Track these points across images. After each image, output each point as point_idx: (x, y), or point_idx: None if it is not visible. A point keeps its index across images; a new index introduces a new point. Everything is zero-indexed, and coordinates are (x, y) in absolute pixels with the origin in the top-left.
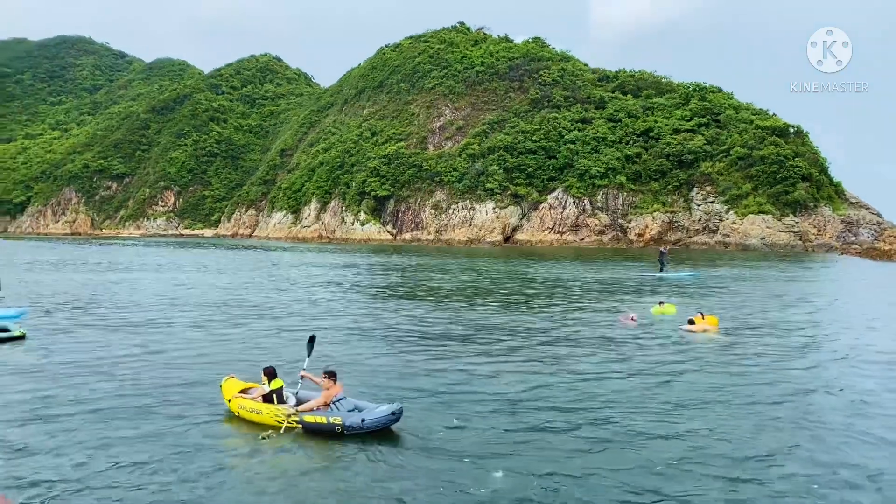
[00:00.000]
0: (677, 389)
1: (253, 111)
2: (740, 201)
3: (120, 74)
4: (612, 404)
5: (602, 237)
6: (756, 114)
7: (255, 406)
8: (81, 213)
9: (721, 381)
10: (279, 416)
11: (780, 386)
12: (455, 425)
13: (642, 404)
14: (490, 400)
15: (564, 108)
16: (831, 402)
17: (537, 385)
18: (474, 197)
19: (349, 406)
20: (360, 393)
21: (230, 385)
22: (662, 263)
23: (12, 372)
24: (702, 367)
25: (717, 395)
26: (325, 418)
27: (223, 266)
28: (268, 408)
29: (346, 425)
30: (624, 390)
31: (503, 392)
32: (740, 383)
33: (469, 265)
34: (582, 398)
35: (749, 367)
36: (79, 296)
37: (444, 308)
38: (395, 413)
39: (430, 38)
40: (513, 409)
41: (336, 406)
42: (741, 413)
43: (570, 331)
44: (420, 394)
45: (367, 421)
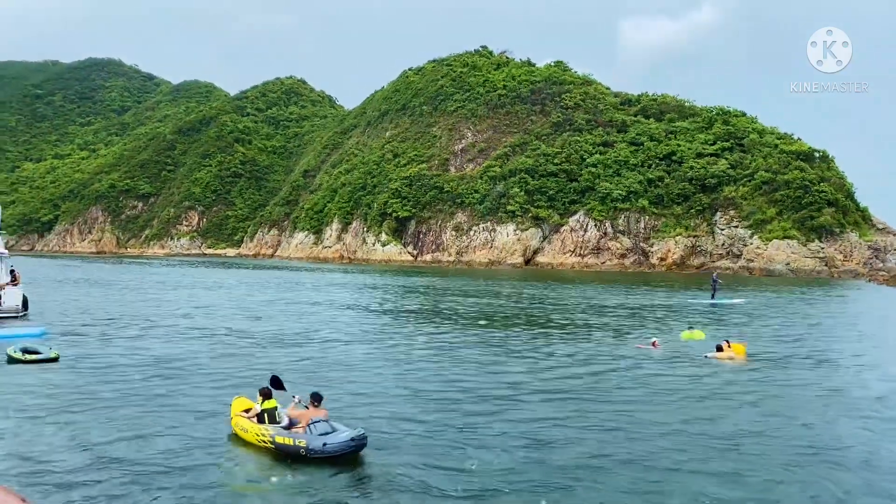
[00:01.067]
0: (695, 419)
1: (277, 133)
2: (765, 226)
3: (148, 96)
4: (620, 431)
5: (624, 261)
6: (780, 138)
7: (245, 425)
8: (107, 232)
9: (738, 412)
10: (259, 434)
11: (798, 418)
12: (470, 467)
13: (650, 431)
14: (506, 431)
15: (586, 131)
16: (852, 436)
17: (555, 411)
18: (495, 219)
19: (324, 429)
20: (366, 419)
21: (238, 404)
22: (715, 289)
23: (47, 395)
24: (719, 396)
25: (731, 429)
26: (293, 440)
27: (247, 287)
28: (253, 426)
29: (309, 448)
30: (637, 417)
31: (516, 423)
32: (756, 415)
33: (492, 288)
34: (590, 421)
35: (769, 398)
36: (108, 316)
37: (465, 332)
38: (356, 439)
39: (453, 61)
40: (527, 440)
41: (310, 429)
42: (751, 448)
43: (590, 356)
44: (429, 423)
45: (329, 446)
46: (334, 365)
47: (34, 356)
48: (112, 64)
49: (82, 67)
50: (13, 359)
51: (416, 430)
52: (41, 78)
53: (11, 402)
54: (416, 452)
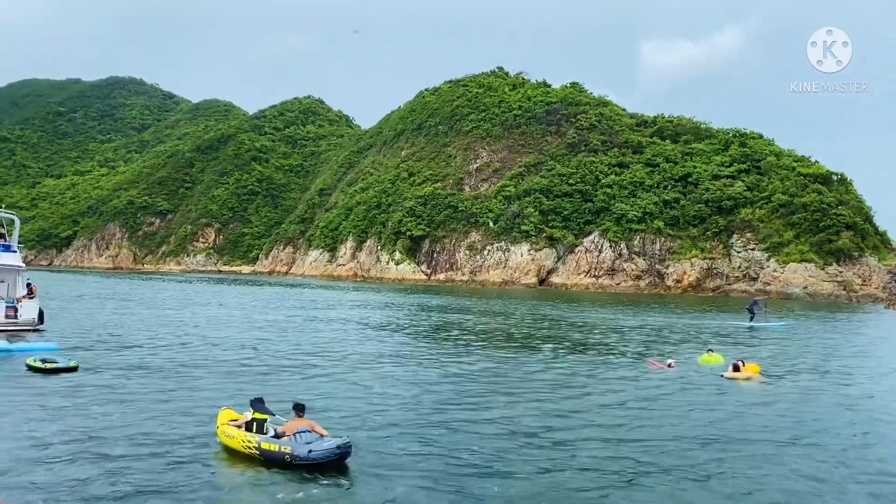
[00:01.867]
0: (708, 437)
1: (294, 151)
2: (781, 249)
3: (168, 114)
4: (629, 449)
5: (639, 282)
6: (798, 160)
7: (232, 432)
8: (124, 248)
9: (752, 432)
10: (244, 442)
11: (815, 441)
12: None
13: (661, 450)
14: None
15: (601, 152)
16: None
17: (563, 427)
18: (509, 239)
19: (308, 438)
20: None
21: (225, 415)
22: (753, 313)
23: (68, 401)
24: (737, 415)
25: (747, 448)
26: (278, 447)
27: (261, 304)
28: (239, 433)
29: (294, 455)
30: (646, 436)
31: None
32: (772, 437)
33: (507, 308)
34: (604, 440)
35: (782, 419)
36: (123, 330)
37: (475, 351)
38: (341, 447)
39: (469, 82)
40: (530, 449)
41: (296, 437)
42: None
43: (605, 377)
44: (431, 440)
45: (314, 453)
46: (340, 381)
47: (53, 365)
48: (133, 83)
49: (104, 86)
50: (33, 368)
51: (418, 447)
52: (64, 96)
53: (23, 409)
54: (413, 469)
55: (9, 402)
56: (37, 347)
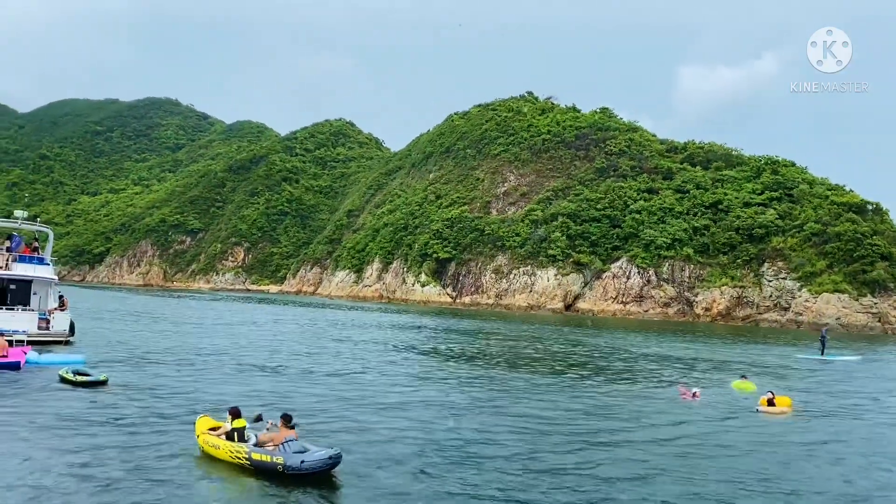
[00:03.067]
0: (732, 471)
1: (324, 173)
2: (814, 279)
3: (202, 135)
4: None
5: (667, 310)
6: (832, 189)
7: (216, 442)
8: (155, 265)
9: (778, 468)
10: (232, 452)
11: (842, 476)
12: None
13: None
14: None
15: (631, 177)
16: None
17: (587, 458)
18: (536, 263)
19: (297, 448)
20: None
21: (203, 423)
22: (823, 345)
23: (97, 414)
24: (757, 450)
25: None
26: (270, 457)
27: (291, 323)
28: (225, 444)
29: (287, 465)
30: (670, 466)
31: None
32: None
33: (534, 333)
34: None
35: (810, 455)
36: (151, 346)
37: (500, 375)
38: (333, 458)
39: (498, 106)
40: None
41: (284, 447)
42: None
43: (636, 404)
44: (447, 462)
45: (306, 463)
46: (365, 404)
47: (85, 378)
48: (169, 103)
49: (140, 106)
50: (65, 380)
51: (431, 468)
52: (101, 115)
53: (47, 419)
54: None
55: (36, 410)
56: (65, 360)
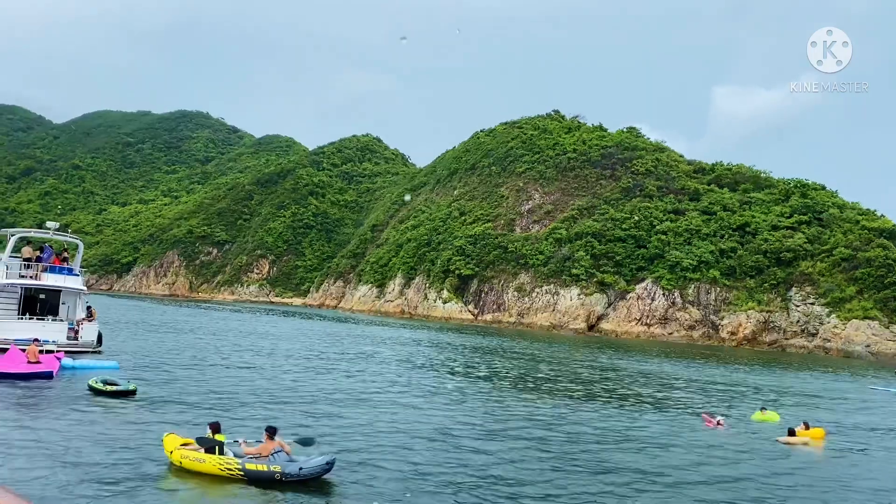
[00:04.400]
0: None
1: (350, 187)
2: (843, 305)
3: (231, 148)
4: None
5: (692, 332)
6: (863, 214)
7: (200, 456)
8: (181, 276)
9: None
10: (222, 465)
11: None
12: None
13: None
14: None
15: (657, 197)
16: None
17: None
18: (559, 282)
19: (285, 458)
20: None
21: (171, 440)
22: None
23: (126, 423)
24: (780, 483)
25: None
26: (267, 466)
27: (311, 338)
28: (211, 458)
29: (286, 473)
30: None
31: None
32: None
33: (557, 353)
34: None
35: (831, 487)
36: (178, 355)
37: (519, 398)
38: (329, 463)
39: (524, 124)
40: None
41: (274, 457)
42: None
43: (657, 431)
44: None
45: (305, 469)
46: (381, 425)
47: (113, 387)
48: (199, 116)
49: (172, 118)
50: (94, 389)
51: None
52: (133, 127)
53: (67, 425)
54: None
55: (62, 416)
56: (100, 366)
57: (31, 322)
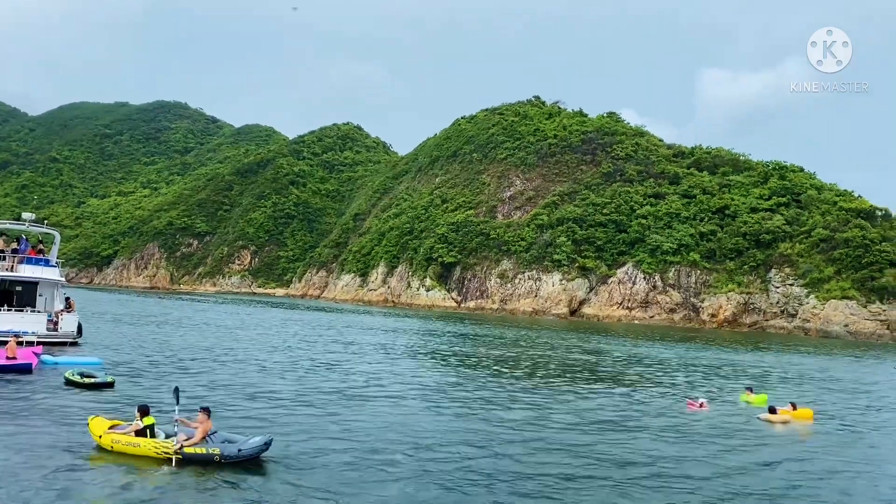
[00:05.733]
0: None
1: (331, 176)
2: (822, 285)
3: (210, 138)
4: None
5: (673, 315)
6: (840, 195)
7: (133, 440)
8: (162, 268)
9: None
10: (158, 448)
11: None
12: None
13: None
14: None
15: (637, 182)
16: None
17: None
18: (541, 268)
19: (221, 438)
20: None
21: (98, 423)
22: None
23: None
24: (752, 455)
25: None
26: (205, 449)
27: (297, 324)
28: (146, 441)
29: (224, 454)
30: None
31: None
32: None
33: (539, 338)
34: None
35: (813, 464)
36: (159, 347)
37: (498, 383)
38: (267, 443)
39: (505, 110)
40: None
41: (210, 439)
42: None
43: (636, 411)
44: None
45: (243, 450)
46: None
47: (91, 380)
48: (178, 107)
49: (150, 109)
50: (71, 382)
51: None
52: (111, 118)
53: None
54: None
55: (32, 410)
56: (81, 361)
57: (8, 314)
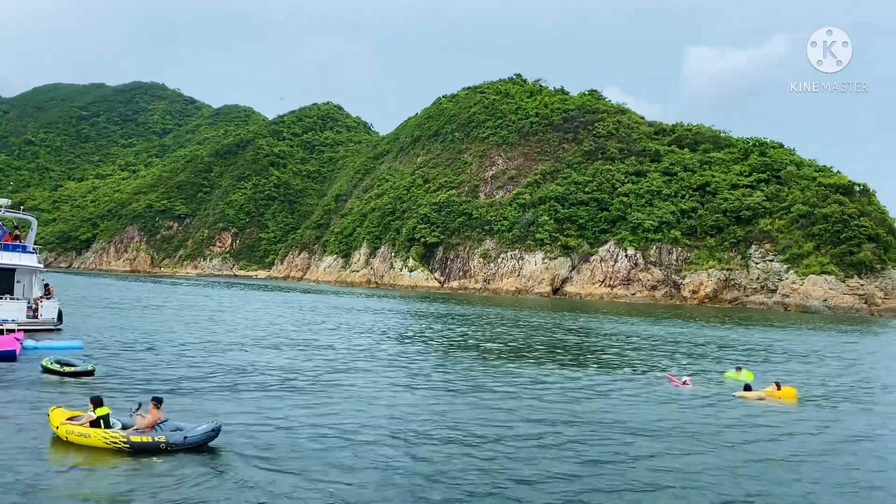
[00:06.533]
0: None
1: (312, 157)
2: (801, 261)
3: (189, 119)
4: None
5: (654, 293)
6: (819, 170)
7: (84, 431)
8: (142, 251)
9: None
10: (107, 438)
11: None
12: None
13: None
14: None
15: (619, 160)
16: None
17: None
18: (524, 247)
19: (171, 427)
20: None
21: (58, 414)
22: None
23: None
24: (720, 434)
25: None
26: (151, 437)
27: (278, 306)
28: (96, 432)
29: (171, 442)
30: (630, 453)
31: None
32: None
33: (522, 317)
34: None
35: (780, 442)
36: (140, 332)
37: (479, 362)
38: (215, 430)
39: (486, 88)
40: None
41: (160, 427)
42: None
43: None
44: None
45: (189, 438)
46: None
47: (70, 368)
48: (155, 87)
49: (127, 90)
50: (49, 369)
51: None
52: (87, 100)
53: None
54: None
55: (5, 398)
56: (62, 346)
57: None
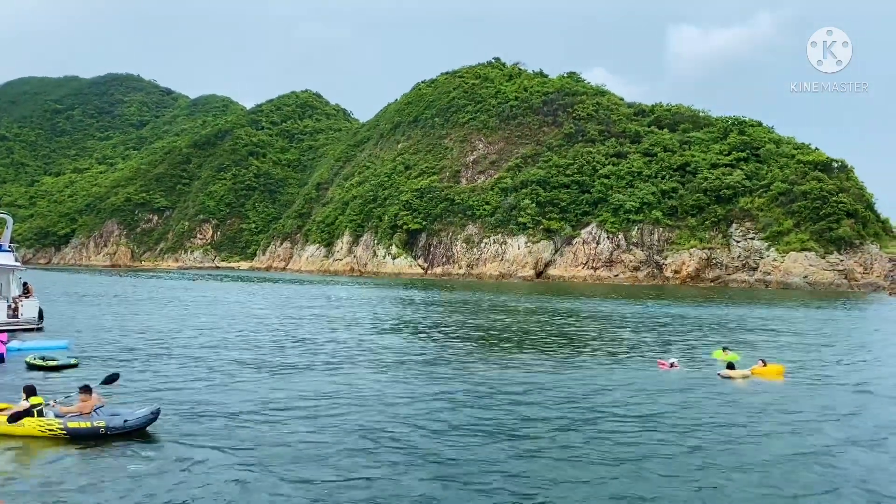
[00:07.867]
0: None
1: (292, 146)
2: (781, 238)
3: (166, 110)
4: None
5: (637, 273)
6: (798, 148)
7: (24, 421)
8: (122, 245)
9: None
10: (43, 426)
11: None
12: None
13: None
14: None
15: (599, 142)
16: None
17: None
18: (506, 231)
19: (110, 412)
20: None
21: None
22: None
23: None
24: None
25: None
26: (90, 423)
27: (258, 299)
28: (30, 420)
29: (110, 427)
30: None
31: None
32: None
33: (505, 302)
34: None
35: (761, 419)
36: (122, 328)
37: (460, 348)
38: (154, 413)
39: (465, 73)
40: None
41: (97, 413)
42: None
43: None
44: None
45: (129, 422)
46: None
47: (53, 363)
48: (131, 79)
49: (102, 83)
50: (33, 365)
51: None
52: (61, 93)
53: None
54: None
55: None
56: (47, 346)
57: None
